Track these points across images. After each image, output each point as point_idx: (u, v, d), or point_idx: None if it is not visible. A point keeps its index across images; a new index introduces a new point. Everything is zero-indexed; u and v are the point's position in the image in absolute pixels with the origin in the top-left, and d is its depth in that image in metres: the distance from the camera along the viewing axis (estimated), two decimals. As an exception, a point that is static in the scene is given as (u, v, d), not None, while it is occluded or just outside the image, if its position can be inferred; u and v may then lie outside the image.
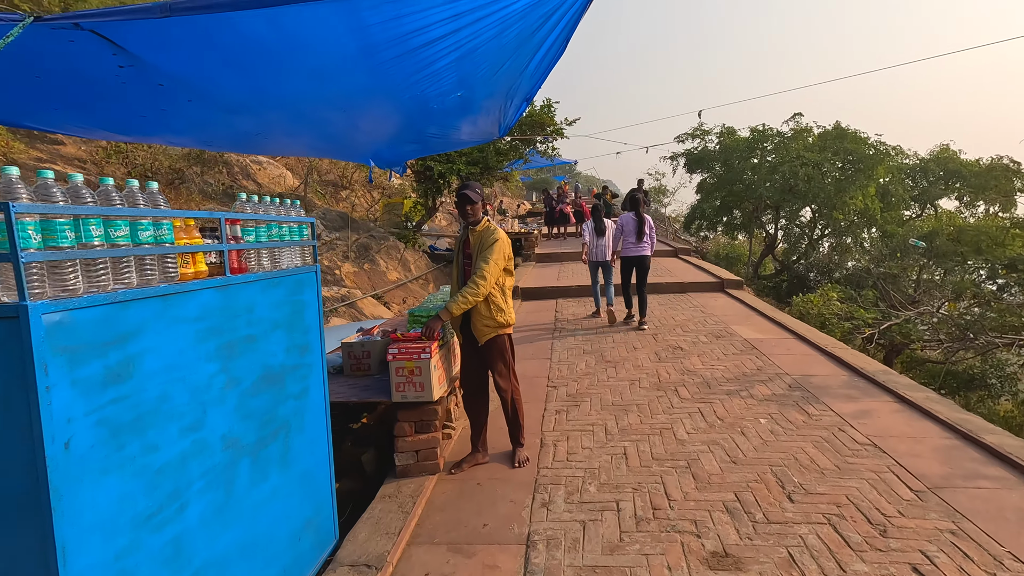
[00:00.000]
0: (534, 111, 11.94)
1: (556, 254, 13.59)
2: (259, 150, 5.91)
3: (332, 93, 3.71)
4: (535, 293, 9.60)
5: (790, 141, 15.50)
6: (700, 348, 5.92)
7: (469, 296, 3.20)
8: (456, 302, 3.18)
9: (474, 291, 3.20)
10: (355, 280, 10.86)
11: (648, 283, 7.03)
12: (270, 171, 15.28)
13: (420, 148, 6.81)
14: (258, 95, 3.58)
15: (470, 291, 3.20)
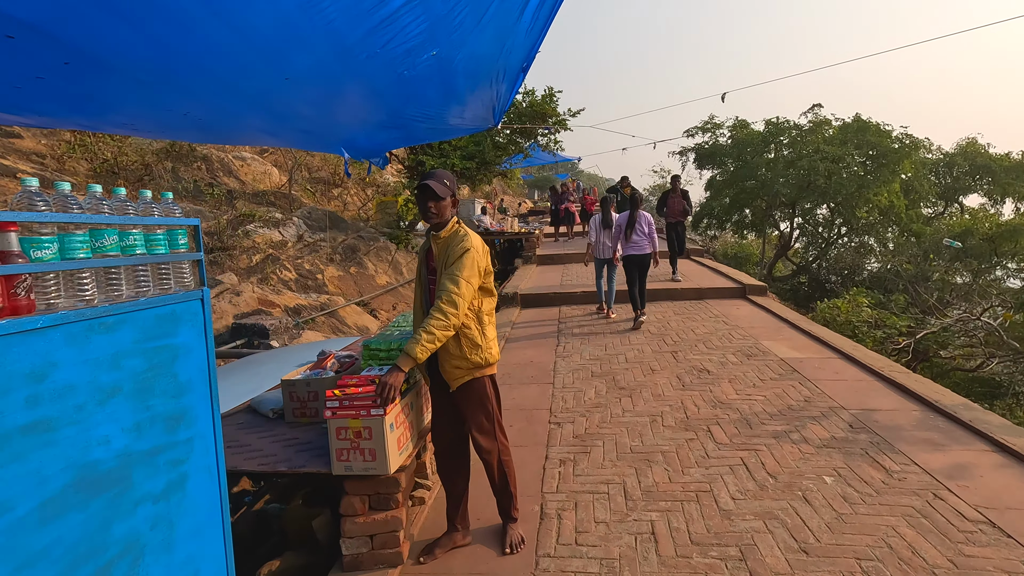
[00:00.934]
0: (535, 101, 11.05)
1: (559, 255, 12.68)
2: (202, 137, 5.02)
3: (263, 56, 2.82)
4: (536, 299, 8.71)
5: (808, 134, 14.56)
6: (730, 370, 5.01)
7: (436, 331, 2.31)
8: (419, 342, 2.29)
9: (441, 323, 2.32)
10: (339, 285, 9.98)
11: (660, 288, 7.57)
12: (254, 167, 14.41)
13: (403, 135, 5.90)
14: (168, 61, 2.71)
15: (436, 324, 2.31)
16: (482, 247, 2.59)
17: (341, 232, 12.38)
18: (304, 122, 4.33)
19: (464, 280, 2.41)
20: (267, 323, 6.17)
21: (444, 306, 2.34)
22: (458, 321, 2.39)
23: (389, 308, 10.67)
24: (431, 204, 2.51)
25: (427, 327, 2.31)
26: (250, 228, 9.34)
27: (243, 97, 3.41)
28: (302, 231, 10.49)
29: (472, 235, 2.58)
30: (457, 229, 2.58)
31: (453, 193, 2.60)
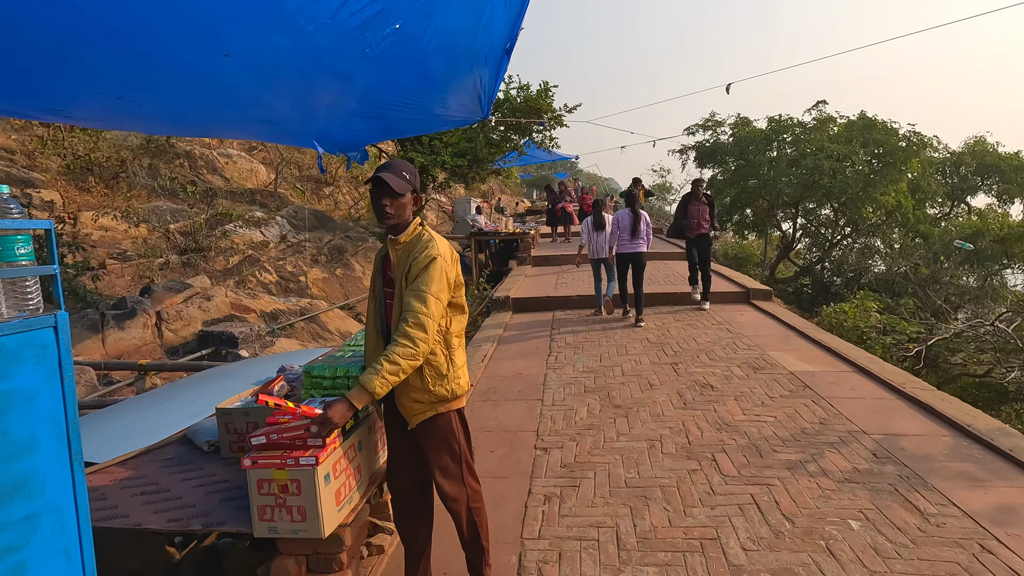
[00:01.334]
0: (529, 96, 10.62)
1: (555, 257, 12.24)
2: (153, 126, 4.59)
3: (192, 28, 2.40)
4: (528, 304, 8.27)
5: (812, 132, 14.13)
6: (736, 386, 4.59)
7: (401, 360, 1.90)
8: (379, 373, 1.87)
9: (408, 351, 1.91)
10: (323, 287, 9.54)
11: (660, 293, 7.34)
12: (240, 165, 13.97)
13: (382, 127, 5.47)
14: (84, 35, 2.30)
15: (401, 352, 1.90)
16: (451, 254, 2.17)
17: (328, 232, 11.94)
18: (263, 110, 3.89)
19: (432, 297, 1.99)
20: (237, 331, 5.73)
21: (411, 330, 1.92)
22: (427, 347, 1.97)
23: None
24: (387, 202, 2.08)
25: (390, 355, 1.89)
26: (229, 228, 8.90)
27: (181, 78, 2.98)
28: (286, 231, 10.05)
29: (439, 240, 2.15)
30: (420, 233, 2.15)
31: (415, 188, 2.17)
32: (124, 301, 5.71)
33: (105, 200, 8.77)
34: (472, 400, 4.63)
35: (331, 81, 3.39)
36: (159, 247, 7.84)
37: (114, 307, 5.71)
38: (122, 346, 5.42)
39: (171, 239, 7.91)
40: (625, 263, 6.95)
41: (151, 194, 9.42)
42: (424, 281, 1.98)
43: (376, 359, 1.93)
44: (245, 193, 12.84)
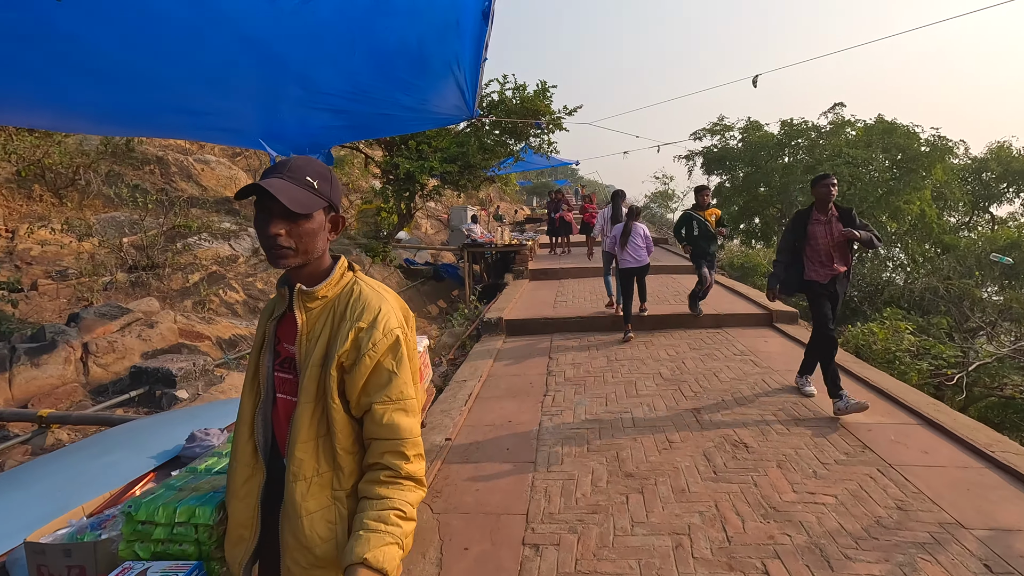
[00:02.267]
0: (526, 96, 9.80)
1: (554, 270, 11.37)
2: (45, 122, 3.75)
3: None
4: (523, 327, 7.40)
5: (829, 136, 13.29)
6: (776, 445, 3.70)
7: (413, 510, 1.26)
8: (391, 536, 1.19)
9: (416, 498, 1.27)
10: (298, 307, 8.66)
11: (672, 315, 6.97)
12: (218, 172, 13.13)
13: (346, 124, 4.65)
14: None
15: (410, 499, 1.26)
16: (407, 317, 1.34)
17: (309, 244, 11.08)
18: (174, 96, 3.03)
19: (414, 418, 1.30)
20: (177, 365, 4.85)
21: (413, 467, 1.26)
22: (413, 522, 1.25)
23: (358, 332, 9.35)
24: (279, 228, 1.28)
25: (400, 504, 1.20)
26: (192, 241, 8.04)
27: (55, 58, 2.12)
28: (244, 251, 9.18)
29: (381, 292, 1.33)
30: (351, 284, 1.31)
31: (332, 205, 1.36)
32: (43, 331, 4.83)
33: (55, 211, 7.92)
34: (450, 461, 3.75)
35: (245, 53, 2.53)
36: (109, 263, 6.98)
37: (30, 339, 4.83)
38: (34, 387, 4.55)
39: (123, 254, 7.04)
40: (630, 277, 6.79)
41: (108, 204, 8.56)
42: (393, 388, 1.27)
43: (372, 512, 1.18)
44: (223, 202, 12.00)
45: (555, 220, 13.03)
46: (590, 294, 9.13)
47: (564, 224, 12.82)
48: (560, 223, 12.90)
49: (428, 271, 13.07)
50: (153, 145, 12.07)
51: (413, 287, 12.16)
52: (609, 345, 6.51)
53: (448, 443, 4.03)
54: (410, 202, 11.37)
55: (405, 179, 9.58)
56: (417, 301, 11.87)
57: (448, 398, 4.94)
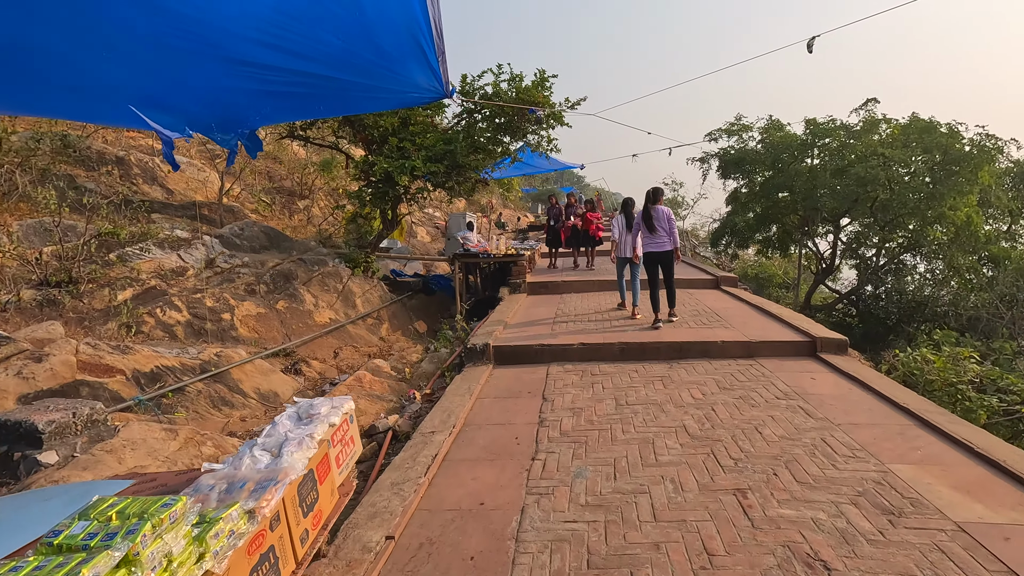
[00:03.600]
0: (521, 87, 8.67)
1: (554, 284, 10.20)
2: None
3: None
4: (514, 355, 6.23)
5: (860, 135, 12.06)
6: (873, 566, 2.48)
7: None
8: None
9: None
10: (256, 327, 7.52)
11: (692, 341, 6.03)
12: (189, 174, 12.07)
13: (268, 91, 3.56)
14: None
15: None
16: None
17: (280, 253, 9.97)
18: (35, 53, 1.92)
19: None
20: (47, 417, 3.70)
21: None
22: None
23: (329, 355, 8.20)
24: None
25: None
26: (129, 252, 6.93)
27: None
28: (215, 254, 8.07)
29: None
30: None
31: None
32: None
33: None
34: (386, 574, 2.58)
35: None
36: (20, 277, 5.87)
37: None
38: None
39: (37, 266, 5.93)
40: (652, 264, 6.81)
41: (38, 208, 7.46)
42: None
43: None
44: (189, 207, 10.93)
45: (560, 228, 11.59)
46: (595, 313, 7.94)
47: (575, 234, 11.27)
48: (570, 232, 11.40)
49: (417, 283, 11.92)
50: (115, 145, 11.04)
51: (399, 302, 11.00)
52: (618, 380, 5.31)
53: (390, 544, 2.84)
54: (394, 207, 10.24)
55: (383, 181, 8.45)
56: (402, 317, 10.71)
57: (405, 463, 3.75)
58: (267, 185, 15.74)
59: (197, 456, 4.29)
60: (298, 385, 6.54)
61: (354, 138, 9.20)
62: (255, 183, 15.37)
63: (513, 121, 9.22)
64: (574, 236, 11.32)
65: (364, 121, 8.46)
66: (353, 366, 8.25)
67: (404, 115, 8.87)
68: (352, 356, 8.55)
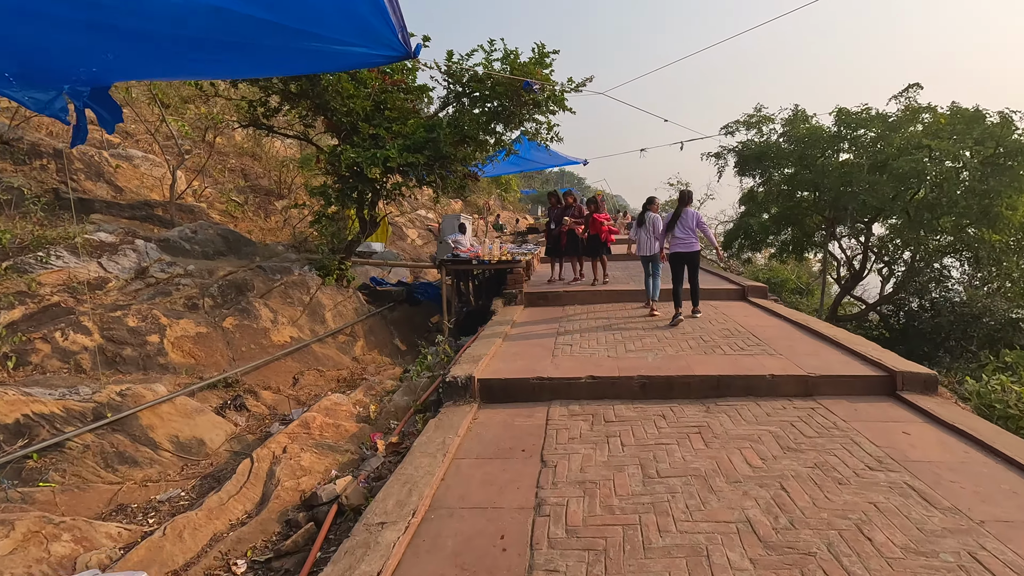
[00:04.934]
0: (516, 64, 7.39)
1: (556, 294, 8.90)
2: None
3: None
4: (503, 390, 4.95)
5: (899, 125, 10.77)
6: None
7: None
8: None
9: None
10: (194, 351, 6.23)
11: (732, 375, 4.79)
12: (143, 170, 10.77)
13: (145, 35, 2.14)
14: None
15: None
16: None
17: (238, 260, 8.67)
18: None
19: None
20: None
21: None
22: None
23: (287, 381, 6.91)
24: None
25: None
26: (26, 261, 5.63)
27: None
28: (149, 261, 6.78)
29: None
30: None
31: None
32: None
33: None
34: None
35: None
36: None
37: None
38: None
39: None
40: (679, 263, 6.90)
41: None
42: None
43: None
44: (139, 207, 9.65)
45: (559, 232, 9.58)
46: (605, 330, 6.65)
47: (573, 239, 9.32)
48: (568, 239, 9.34)
49: (400, 293, 10.62)
50: (52, 136, 9.76)
51: (378, 315, 9.70)
52: (641, 431, 4.02)
53: None
54: (372, 205, 8.96)
55: (352, 174, 7.16)
56: (381, 333, 9.42)
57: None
58: (241, 184, 14.48)
59: (41, 560, 2.98)
60: (234, 428, 5.23)
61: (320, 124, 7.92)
62: (227, 181, 14.10)
63: (507, 107, 7.94)
64: (573, 242, 9.40)
65: (331, 105, 7.18)
66: (316, 394, 6.96)
67: (379, 99, 7.59)
68: (316, 382, 7.25)
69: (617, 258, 14.00)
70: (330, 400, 5.35)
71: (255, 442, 5.14)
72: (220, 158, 15.29)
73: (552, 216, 9.89)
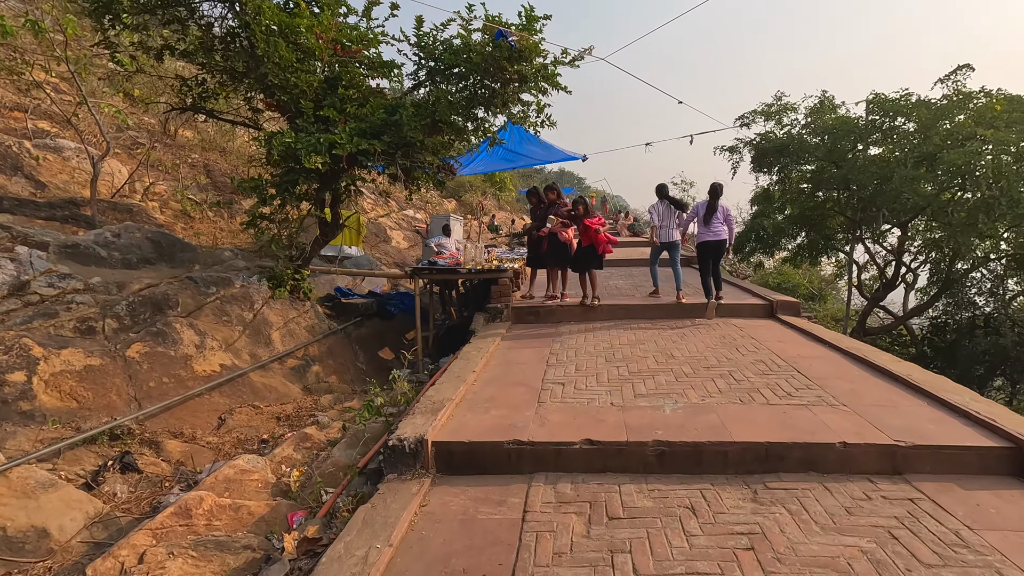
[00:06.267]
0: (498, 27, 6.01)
1: (548, 310, 7.54)
2: None
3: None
4: (470, 460, 3.64)
5: (947, 113, 9.41)
6: None
7: None
8: None
9: None
10: (80, 389, 4.87)
11: (784, 442, 3.44)
12: (73, 164, 9.41)
13: None
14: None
15: None
16: None
17: (171, 268, 7.32)
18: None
19: None
20: None
21: None
22: None
23: (210, 423, 5.57)
24: None
25: None
26: None
27: None
28: (33, 273, 5.43)
29: None
30: None
31: None
32: None
33: None
34: None
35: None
36: None
37: None
38: None
39: None
40: (707, 253, 7.08)
41: None
42: None
43: None
44: (63, 205, 8.30)
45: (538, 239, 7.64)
46: (606, 363, 5.30)
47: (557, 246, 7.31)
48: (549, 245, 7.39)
49: (370, 305, 9.26)
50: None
51: (341, 332, 8.35)
52: (662, 538, 2.67)
53: None
54: (336, 202, 7.62)
55: (290, 169, 5.79)
56: (344, 354, 8.06)
57: None
58: (203, 181, 13.12)
59: None
60: (100, 506, 3.86)
61: (261, 105, 6.58)
62: (187, 178, 12.76)
63: (488, 85, 6.59)
64: (554, 251, 7.37)
65: (269, 80, 5.83)
66: (248, 438, 5.62)
67: (332, 74, 6.24)
68: (250, 421, 5.90)
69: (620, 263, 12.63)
70: (234, 468, 3.98)
71: (130, 524, 3.79)
72: (181, 152, 13.96)
73: (536, 217, 8.23)
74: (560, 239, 7.31)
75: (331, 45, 6.06)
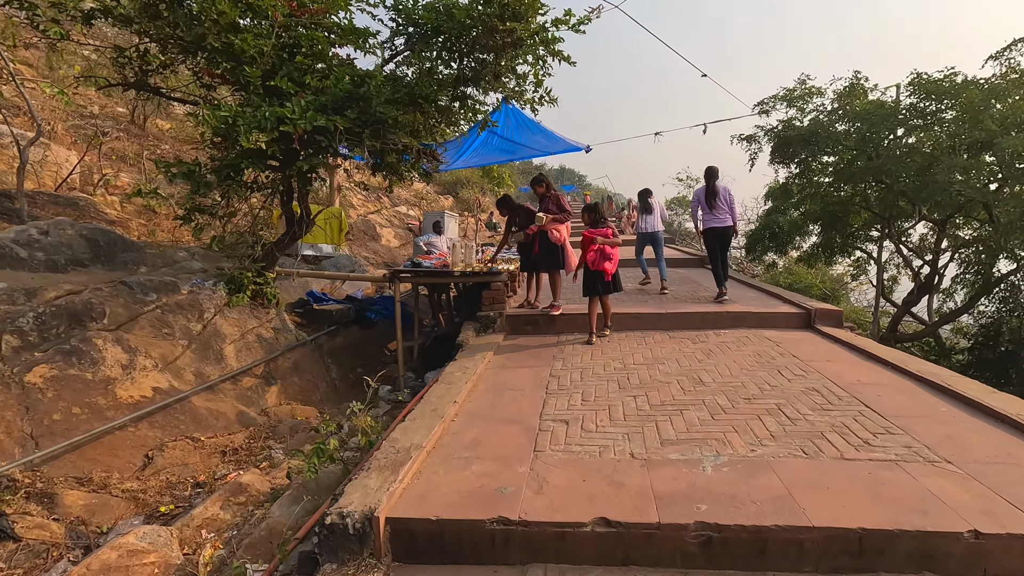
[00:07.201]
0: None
1: (547, 319, 6.51)
2: None
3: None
4: (438, 544, 2.57)
5: (1000, 93, 8.32)
6: None
7: None
8: None
9: None
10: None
11: (859, 530, 2.41)
12: (12, 151, 8.36)
13: None
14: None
15: None
16: None
17: (108, 271, 6.30)
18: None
19: None
20: None
21: None
22: None
23: (132, 464, 4.56)
24: None
25: None
26: None
27: None
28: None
29: None
30: None
31: None
32: None
33: None
34: None
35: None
36: None
37: None
38: None
39: None
40: (714, 239, 6.98)
41: None
42: None
43: None
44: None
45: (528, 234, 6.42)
46: (619, 389, 4.27)
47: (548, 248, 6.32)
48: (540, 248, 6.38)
49: (346, 312, 8.21)
50: None
51: (311, 343, 7.31)
52: None
53: None
54: (302, 196, 6.60)
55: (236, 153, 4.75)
56: (313, 369, 7.02)
57: None
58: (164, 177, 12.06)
59: None
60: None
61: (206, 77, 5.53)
62: (153, 170, 11.72)
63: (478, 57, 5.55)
64: (546, 253, 6.38)
65: (211, 43, 4.79)
66: (180, 480, 4.61)
67: (288, 38, 5.20)
68: (186, 458, 4.89)
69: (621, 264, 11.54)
70: (118, 549, 2.94)
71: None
72: (148, 143, 12.93)
73: (509, 227, 7.22)
74: (551, 239, 6.28)
75: (286, 2, 5.02)
